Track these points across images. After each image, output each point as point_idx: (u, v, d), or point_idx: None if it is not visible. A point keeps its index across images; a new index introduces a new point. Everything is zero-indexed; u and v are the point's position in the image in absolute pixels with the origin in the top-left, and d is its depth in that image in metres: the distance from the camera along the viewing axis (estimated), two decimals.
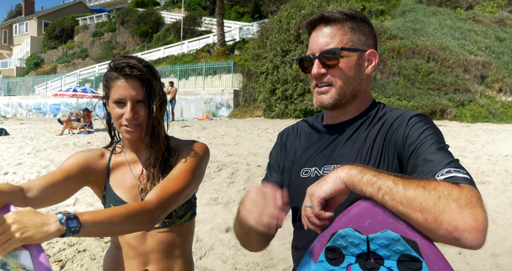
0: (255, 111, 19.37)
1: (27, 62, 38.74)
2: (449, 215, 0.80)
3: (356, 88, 1.21)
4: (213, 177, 6.38)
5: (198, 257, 3.63)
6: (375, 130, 1.18)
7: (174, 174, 1.33)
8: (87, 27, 38.35)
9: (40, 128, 16.45)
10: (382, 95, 16.19)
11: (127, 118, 1.32)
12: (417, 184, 0.86)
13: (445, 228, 0.80)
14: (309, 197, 0.96)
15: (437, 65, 16.46)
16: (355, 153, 1.17)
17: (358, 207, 0.93)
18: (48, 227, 0.93)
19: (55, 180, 1.27)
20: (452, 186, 0.84)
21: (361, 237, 0.89)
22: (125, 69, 1.31)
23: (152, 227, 1.21)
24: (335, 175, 0.94)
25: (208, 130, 12.47)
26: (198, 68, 23.42)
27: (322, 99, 1.21)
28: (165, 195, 1.24)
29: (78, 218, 0.98)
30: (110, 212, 1.09)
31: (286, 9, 19.03)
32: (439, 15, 19.55)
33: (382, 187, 0.88)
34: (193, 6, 33.79)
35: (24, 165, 8.09)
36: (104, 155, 1.48)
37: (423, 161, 1.01)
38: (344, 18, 1.20)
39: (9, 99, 31.44)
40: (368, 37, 1.22)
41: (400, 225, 0.86)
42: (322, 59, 1.18)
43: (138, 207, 1.16)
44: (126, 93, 1.32)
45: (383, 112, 1.23)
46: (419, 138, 1.06)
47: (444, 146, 1.04)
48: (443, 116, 14.99)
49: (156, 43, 31.26)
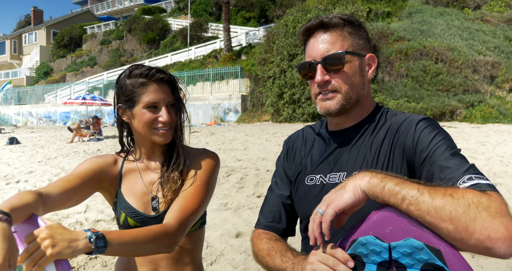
0: (263, 115, 19.37)
1: (36, 71, 39.19)
2: (481, 224, 0.77)
3: (360, 93, 1.20)
4: (222, 182, 6.36)
5: (209, 263, 3.60)
6: (380, 136, 1.16)
7: (189, 190, 1.34)
8: (95, 35, 38.74)
9: (50, 136, 16.59)
10: (391, 98, 16.10)
11: (164, 121, 1.35)
12: (443, 192, 0.82)
13: (477, 238, 0.77)
14: (325, 204, 0.92)
15: (445, 66, 16.35)
16: (361, 159, 1.15)
17: (378, 214, 0.90)
18: (77, 243, 0.95)
19: (70, 186, 1.28)
20: (481, 194, 0.81)
21: (383, 245, 0.86)
22: (157, 75, 1.35)
23: (172, 250, 1.22)
24: (354, 184, 0.91)
25: (217, 136, 12.47)
26: (206, 74, 23.52)
27: (328, 106, 1.18)
28: (184, 216, 1.26)
29: (106, 238, 1.00)
30: (135, 234, 1.11)
31: (292, 13, 19.06)
32: (446, 16, 19.45)
33: (406, 197, 0.84)
34: (199, 13, 33.99)
35: (35, 173, 8.14)
36: (117, 162, 1.48)
37: (439, 167, 0.98)
38: (343, 23, 1.18)
39: (20, 108, 31.80)
40: (365, 42, 1.22)
41: (423, 233, 0.83)
42: (326, 65, 1.16)
43: (161, 230, 1.17)
44: (160, 97, 1.35)
45: (387, 117, 1.21)
46: (431, 143, 1.04)
47: (457, 151, 1.02)
48: (453, 118, 14.86)
49: (163, 50, 31.47)
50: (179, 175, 1.39)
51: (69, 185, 1.27)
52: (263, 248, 1.22)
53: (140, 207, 1.41)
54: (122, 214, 1.40)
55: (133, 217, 1.39)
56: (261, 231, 1.31)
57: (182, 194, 1.34)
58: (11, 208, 0.94)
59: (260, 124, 17.34)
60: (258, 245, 1.25)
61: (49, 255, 0.89)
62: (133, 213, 1.39)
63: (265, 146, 9.83)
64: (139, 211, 1.40)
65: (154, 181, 1.43)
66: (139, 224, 1.39)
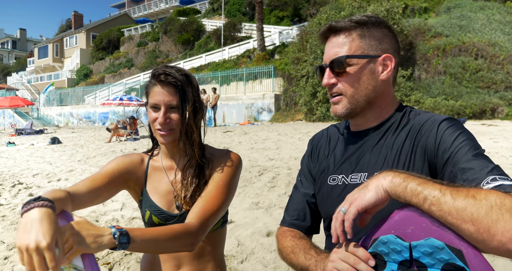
0: (297, 115, 19.29)
1: (77, 74, 40.65)
2: (503, 226, 0.75)
3: (371, 96, 1.18)
4: (254, 182, 6.39)
5: (239, 261, 3.64)
6: (402, 136, 1.15)
7: (211, 191, 1.37)
8: (132, 37, 39.75)
9: (89, 136, 17.18)
10: (428, 95, 15.67)
11: (159, 123, 1.38)
12: (466, 193, 0.81)
13: (499, 240, 0.75)
14: (348, 203, 0.93)
15: (486, 62, 15.75)
16: (382, 160, 1.14)
17: (400, 213, 0.89)
18: (102, 238, 0.99)
19: (96, 185, 1.33)
20: (505, 195, 0.79)
21: (404, 244, 0.85)
22: (161, 76, 1.37)
23: (193, 249, 1.25)
24: (377, 183, 0.91)
25: (250, 135, 12.54)
26: (239, 73, 23.66)
27: (335, 109, 1.21)
28: (205, 216, 1.29)
29: (129, 235, 1.04)
30: (157, 232, 1.14)
31: (325, 12, 18.88)
32: (487, 10, 18.71)
33: (428, 197, 0.84)
34: (233, 13, 34.24)
35: (75, 171, 8.47)
36: (143, 161, 1.53)
37: (462, 169, 0.96)
38: (353, 25, 1.18)
39: (61, 109, 33.10)
40: (381, 42, 1.20)
41: (445, 233, 0.82)
42: (332, 68, 1.19)
43: (182, 229, 1.21)
44: (160, 99, 1.38)
45: (410, 117, 1.19)
46: (454, 144, 1.02)
47: (481, 151, 1.00)
48: (494, 116, 14.29)
49: (198, 51, 31.89)
50: (195, 177, 1.42)
51: (95, 184, 1.33)
52: (288, 245, 1.24)
53: (164, 206, 1.45)
54: (147, 212, 1.45)
55: (157, 215, 1.44)
56: (286, 229, 1.32)
57: (204, 195, 1.37)
58: (53, 198, 1.01)
59: (293, 124, 17.29)
60: (283, 242, 1.27)
61: (76, 249, 0.94)
62: (157, 211, 1.44)
63: (297, 145, 9.79)
64: (163, 209, 1.44)
65: (179, 179, 1.47)
66: (163, 222, 1.43)
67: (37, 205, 0.92)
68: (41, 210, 0.91)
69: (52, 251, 0.86)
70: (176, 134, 1.41)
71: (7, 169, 9.11)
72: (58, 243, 0.89)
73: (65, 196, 1.10)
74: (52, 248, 0.86)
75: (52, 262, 0.86)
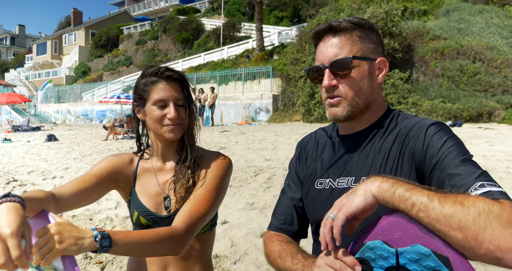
0: (294, 115, 19.29)
1: (75, 71, 40.56)
2: (491, 233, 0.74)
3: (369, 98, 1.18)
4: (249, 182, 6.38)
5: (233, 262, 3.62)
6: (390, 140, 1.14)
7: (200, 194, 1.35)
8: (131, 35, 39.69)
9: (86, 134, 17.13)
10: (425, 98, 15.69)
11: (171, 117, 1.37)
12: (453, 199, 0.80)
13: (486, 247, 0.74)
14: (336, 209, 0.91)
15: (483, 65, 15.78)
16: (369, 164, 1.13)
17: (388, 219, 0.89)
18: (83, 241, 0.98)
19: (84, 186, 1.33)
20: (492, 202, 0.78)
21: (390, 250, 0.85)
22: (165, 73, 1.38)
23: (179, 253, 1.24)
24: (365, 188, 0.90)
25: (247, 135, 12.52)
26: (238, 73, 23.65)
27: (335, 112, 1.17)
28: (192, 220, 1.27)
29: (111, 238, 1.03)
30: (142, 235, 1.13)
31: (325, 13, 18.88)
32: (485, 14, 18.74)
33: (416, 203, 0.83)
34: (233, 12, 34.22)
35: (71, 169, 8.43)
36: (133, 161, 1.52)
37: (450, 174, 0.95)
38: (353, 27, 1.16)
39: (59, 106, 33.02)
40: (376, 45, 1.19)
41: (432, 240, 0.81)
42: (333, 70, 1.15)
43: (168, 233, 1.19)
44: (168, 94, 1.38)
45: (398, 121, 1.18)
46: (441, 149, 1.01)
47: (469, 157, 0.99)
48: (491, 119, 14.32)
49: (197, 50, 31.87)
50: (191, 173, 1.41)
51: (83, 185, 1.32)
52: (274, 250, 1.22)
53: (153, 207, 1.44)
54: (135, 213, 1.44)
55: (145, 216, 1.42)
56: (273, 233, 1.31)
57: (192, 197, 1.35)
58: (24, 197, 1.00)
59: (290, 124, 17.28)
60: (270, 246, 1.25)
61: (56, 251, 0.93)
62: (145, 212, 1.43)
63: (294, 146, 9.75)
64: (151, 210, 1.43)
65: (167, 180, 1.45)
66: (151, 223, 1.42)
67: (5, 200, 0.93)
68: (9, 204, 0.92)
69: (15, 239, 0.85)
70: (183, 130, 1.42)
71: (2, 166, 9.06)
72: (25, 235, 0.88)
73: (46, 196, 1.09)
74: (15, 237, 0.85)
75: (15, 250, 0.84)
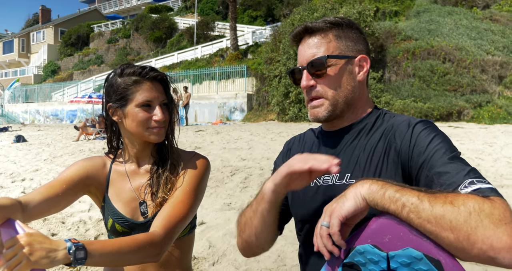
0: (269, 115, 19.33)
1: (44, 70, 39.42)
2: (483, 233, 0.73)
3: (349, 97, 1.17)
4: (226, 182, 6.33)
5: (211, 263, 3.58)
6: (375, 138, 1.13)
7: (178, 196, 1.30)
8: (102, 34, 38.87)
9: (57, 134, 16.67)
10: (397, 97, 16.00)
11: (159, 120, 1.32)
12: (444, 199, 0.79)
13: (479, 247, 0.73)
14: (327, 216, 0.89)
15: (453, 66, 16.21)
16: (354, 161, 1.12)
17: (377, 221, 0.87)
18: (56, 253, 0.92)
19: (53, 193, 1.25)
20: (483, 200, 0.77)
21: (381, 254, 0.83)
22: (150, 73, 1.32)
23: (159, 259, 1.19)
24: (355, 191, 0.88)
25: (222, 135, 12.46)
26: (212, 72, 23.52)
27: (316, 113, 1.18)
28: (171, 224, 1.22)
29: (86, 249, 0.96)
30: (119, 244, 1.07)
31: (299, 12, 18.98)
32: (454, 15, 19.27)
33: (406, 204, 0.81)
34: (206, 11, 33.99)
35: (41, 171, 8.17)
36: (106, 165, 1.45)
37: (439, 173, 0.94)
38: (329, 26, 1.17)
39: (27, 106, 32.01)
40: (356, 43, 1.19)
41: (423, 242, 0.80)
42: (311, 70, 1.16)
43: (146, 239, 1.14)
44: (154, 95, 1.33)
45: (384, 119, 1.17)
46: (429, 147, 1.00)
47: (457, 154, 0.98)
48: (460, 118, 14.73)
49: (170, 49, 31.50)
50: (166, 179, 1.35)
51: (52, 192, 1.25)
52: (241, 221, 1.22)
53: (128, 213, 1.37)
54: (110, 220, 1.37)
55: (121, 223, 1.36)
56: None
57: (169, 201, 1.30)
58: None
59: (265, 124, 17.30)
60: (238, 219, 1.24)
61: (25, 264, 0.87)
62: (120, 219, 1.36)
63: (270, 145, 9.79)
64: (126, 217, 1.36)
65: (143, 185, 1.39)
66: (127, 230, 1.36)
67: None
68: None
69: None
70: (166, 132, 1.38)
71: None
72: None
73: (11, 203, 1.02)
74: None
75: None
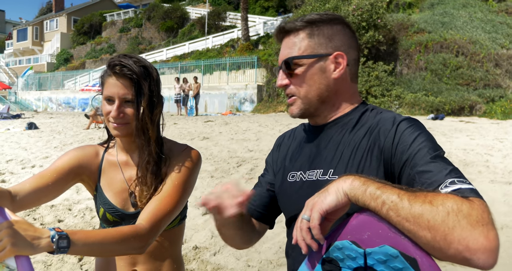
0: (279, 106, 19.29)
1: (57, 58, 39.73)
2: (460, 233, 0.73)
3: (323, 95, 1.17)
4: (232, 173, 6.36)
5: (212, 253, 3.62)
6: (360, 134, 1.12)
7: (166, 190, 1.31)
8: (115, 23, 38.95)
9: (68, 122, 16.86)
10: (408, 91, 15.84)
11: (113, 116, 1.31)
12: (423, 198, 0.79)
13: (455, 248, 0.74)
14: (309, 210, 0.89)
15: (466, 59, 15.98)
16: (338, 156, 1.12)
17: (358, 217, 0.87)
18: (39, 241, 0.95)
19: (44, 183, 1.27)
20: (462, 200, 0.77)
21: (358, 251, 0.83)
22: (116, 68, 1.30)
23: (143, 252, 1.21)
24: (337, 186, 0.89)
25: (231, 126, 12.48)
26: (222, 63, 23.48)
27: (291, 111, 1.21)
28: (157, 218, 1.23)
29: (69, 238, 0.99)
30: (103, 235, 1.09)
31: (310, 3, 18.81)
32: (469, 8, 18.94)
33: (386, 202, 0.81)
34: (218, 1, 33.83)
35: (51, 158, 8.28)
36: (98, 154, 1.46)
37: (421, 171, 0.94)
38: (301, 25, 1.18)
39: (40, 94, 32.37)
40: (331, 39, 1.17)
41: (401, 240, 0.80)
42: (285, 70, 1.19)
43: (131, 232, 1.16)
44: (115, 91, 1.31)
45: (371, 115, 1.16)
46: (412, 145, 0.99)
47: (440, 153, 0.97)
48: (472, 113, 14.55)
49: (181, 39, 31.48)
50: (152, 174, 1.35)
51: (42, 182, 1.27)
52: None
53: (119, 203, 1.39)
54: (101, 209, 1.39)
55: (112, 213, 1.38)
56: None
57: (157, 194, 1.31)
58: None
59: (275, 115, 17.28)
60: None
61: (9, 250, 0.89)
62: (111, 209, 1.38)
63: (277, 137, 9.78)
64: (117, 207, 1.38)
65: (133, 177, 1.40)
66: (118, 220, 1.38)
67: None
68: None
69: None
70: (131, 129, 1.34)
71: None
72: None
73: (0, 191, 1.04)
74: None
75: None
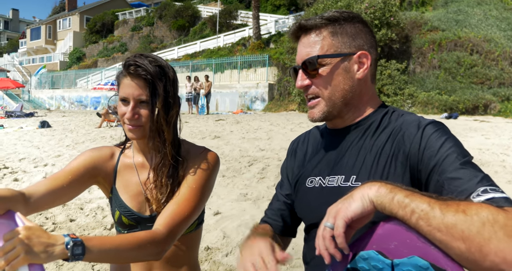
0: (290, 105, 19.21)
1: (70, 57, 40.11)
2: (497, 245, 0.69)
3: (347, 96, 1.11)
4: (243, 172, 6.33)
5: (224, 254, 3.58)
6: (383, 138, 1.07)
7: (184, 194, 1.27)
8: (127, 21, 39.19)
9: (80, 121, 16.99)
10: (422, 90, 15.65)
11: (127, 118, 1.28)
12: (456, 207, 0.74)
13: (491, 260, 0.69)
14: (332, 217, 0.85)
15: (481, 58, 15.72)
16: (360, 162, 1.07)
17: (385, 226, 0.83)
18: (53, 248, 0.91)
19: (59, 185, 1.24)
20: (497, 210, 0.73)
21: (385, 262, 0.79)
22: (130, 68, 1.27)
23: (160, 258, 1.17)
24: (362, 193, 0.84)
25: (242, 124, 12.45)
26: (234, 61, 23.47)
27: (312, 114, 1.15)
28: (175, 223, 1.20)
29: (84, 245, 0.96)
30: (119, 240, 1.06)
31: (322, 1, 18.65)
32: (484, 5, 18.63)
33: (416, 211, 0.77)
34: (229, 0, 33.83)
35: (63, 157, 8.33)
36: (114, 155, 1.43)
37: (450, 178, 0.89)
38: (324, 23, 1.11)
39: (53, 92, 32.71)
40: (355, 38, 1.12)
41: (430, 251, 0.75)
42: (305, 70, 1.12)
43: (148, 237, 1.12)
44: (130, 92, 1.28)
45: (392, 118, 1.11)
46: (440, 151, 0.95)
47: (469, 159, 0.93)
48: (486, 112, 14.32)
49: (193, 37, 31.55)
50: (168, 177, 1.32)
51: (57, 184, 1.23)
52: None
53: (135, 206, 1.36)
54: (117, 212, 1.36)
55: (127, 216, 1.35)
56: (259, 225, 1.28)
57: (175, 198, 1.27)
58: None
59: (286, 114, 17.21)
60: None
61: (23, 258, 0.86)
62: (127, 212, 1.35)
63: (289, 136, 9.73)
64: (133, 210, 1.35)
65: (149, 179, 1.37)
66: (133, 223, 1.35)
67: None
68: None
69: None
70: (146, 131, 1.30)
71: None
72: None
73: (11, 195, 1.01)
74: None
75: None
